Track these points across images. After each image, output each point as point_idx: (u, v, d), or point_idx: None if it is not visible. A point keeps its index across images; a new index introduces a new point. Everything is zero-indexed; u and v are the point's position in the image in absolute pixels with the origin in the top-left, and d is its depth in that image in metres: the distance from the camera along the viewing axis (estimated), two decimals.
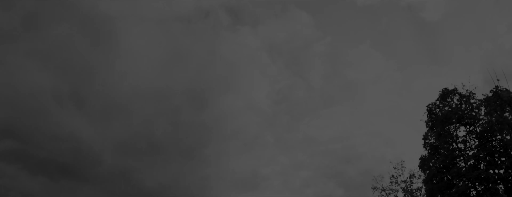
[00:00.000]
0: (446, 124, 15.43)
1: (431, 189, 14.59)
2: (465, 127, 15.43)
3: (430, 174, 14.85)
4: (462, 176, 13.60)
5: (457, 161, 14.69)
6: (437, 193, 14.37)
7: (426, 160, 15.58)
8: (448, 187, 14.27)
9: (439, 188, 14.29)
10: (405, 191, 20.44)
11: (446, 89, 16.38)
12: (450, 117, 15.16)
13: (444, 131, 15.42)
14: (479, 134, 14.68)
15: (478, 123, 15.10)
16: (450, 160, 14.55)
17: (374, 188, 21.22)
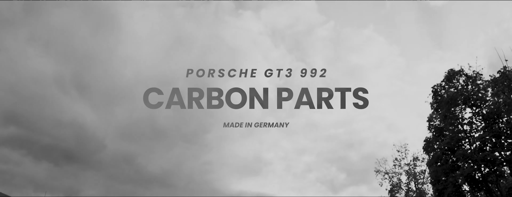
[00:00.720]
0: (452, 106, 15.04)
1: (435, 171, 14.33)
2: (471, 108, 15.03)
3: (435, 156, 14.57)
4: (467, 158, 13.31)
5: (462, 143, 14.36)
6: (441, 175, 14.11)
7: (431, 142, 15.28)
8: (453, 169, 13.99)
9: (444, 170, 14.01)
10: (408, 174, 20.26)
11: (452, 70, 15.92)
12: (456, 98, 14.76)
13: (449, 113, 15.04)
14: (485, 116, 14.29)
15: (484, 104, 14.69)
16: (455, 142, 14.22)
17: (377, 171, 21.08)
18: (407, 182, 20.11)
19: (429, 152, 15.23)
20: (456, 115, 15.05)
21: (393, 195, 19.90)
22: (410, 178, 20.15)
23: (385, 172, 20.80)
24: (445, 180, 13.95)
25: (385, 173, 20.71)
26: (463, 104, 14.96)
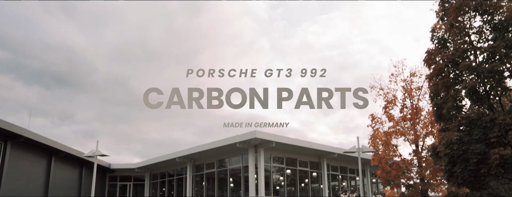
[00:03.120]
0: (460, 13, 13.45)
1: (435, 85, 13.19)
2: (482, 16, 13.46)
3: (436, 69, 13.33)
4: (473, 70, 12.08)
5: (468, 54, 13.04)
6: (441, 89, 13.01)
7: (433, 54, 13.94)
8: (455, 83, 12.86)
9: (445, 83, 12.87)
10: (405, 90, 19.34)
11: None
12: (467, 4, 13.09)
13: (457, 21, 13.49)
14: (497, 24, 12.79)
15: (498, 11, 13.10)
16: (461, 53, 12.87)
17: (372, 87, 20.12)
18: (402, 98, 19.27)
19: (430, 65, 13.96)
20: (464, 24, 13.52)
21: (387, 111, 19.16)
22: (406, 94, 19.27)
23: (380, 88, 19.85)
24: (446, 94, 12.89)
25: (380, 89, 19.78)
26: (473, 11, 13.36)
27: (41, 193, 26.92)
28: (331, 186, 31.97)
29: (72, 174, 31.28)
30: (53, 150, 27.61)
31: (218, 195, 28.85)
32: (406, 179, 18.60)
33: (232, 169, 28.13)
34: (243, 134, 24.31)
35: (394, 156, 18.74)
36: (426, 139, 19.05)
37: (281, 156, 27.64)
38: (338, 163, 32.68)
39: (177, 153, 30.08)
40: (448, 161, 12.16)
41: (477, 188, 12.32)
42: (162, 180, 35.50)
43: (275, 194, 27.07)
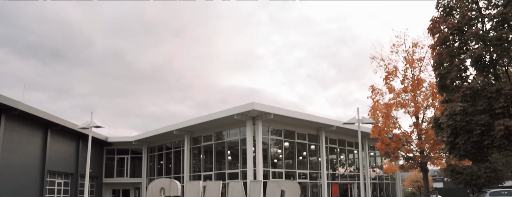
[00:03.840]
0: None
1: (439, 54, 12.65)
2: None
3: (441, 38, 12.76)
4: (480, 38, 11.52)
5: (475, 22, 12.45)
6: (445, 59, 12.48)
7: (438, 22, 13.34)
8: (460, 52, 12.33)
9: (449, 52, 12.33)
10: (406, 60, 18.80)
11: None
12: None
13: None
14: None
15: None
16: (467, 21, 12.28)
17: (372, 57, 19.58)
18: (404, 69, 18.76)
19: (435, 34, 13.38)
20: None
21: (388, 82, 18.69)
22: (407, 65, 18.75)
23: (380, 59, 19.31)
24: (450, 64, 12.38)
25: (381, 60, 19.23)
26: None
27: (38, 166, 26.81)
28: (329, 159, 31.95)
29: (69, 148, 31.13)
30: (49, 123, 27.30)
31: (216, 168, 28.80)
32: (405, 152, 18.37)
33: (230, 141, 27.94)
34: (241, 105, 23.94)
35: (394, 128, 18.44)
36: (427, 111, 18.70)
37: (279, 128, 27.39)
38: (336, 136, 32.53)
39: (174, 126, 29.81)
40: (451, 133, 11.80)
41: (479, 160, 12.02)
42: (159, 153, 35.46)
43: (273, 167, 27.01)
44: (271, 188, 12.70)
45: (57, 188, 29.40)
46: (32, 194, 25.88)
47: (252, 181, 12.95)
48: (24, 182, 25.07)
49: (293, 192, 12.52)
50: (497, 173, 27.97)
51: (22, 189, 24.74)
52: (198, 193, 12.93)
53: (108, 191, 37.46)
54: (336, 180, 32.36)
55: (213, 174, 28.38)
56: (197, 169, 30.68)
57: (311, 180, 29.54)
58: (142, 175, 36.09)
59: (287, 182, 13.03)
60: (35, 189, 26.19)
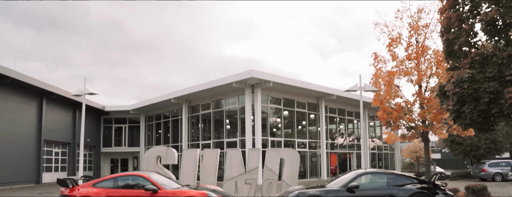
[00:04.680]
0: None
1: (448, 18, 11.98)
2: None
3: (450, 1, 12.07)
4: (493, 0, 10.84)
5: None
6: (454, 24, 11.83)
7: None
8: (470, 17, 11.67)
9: (458, 16, 11.66)
10: (411, 27, 18.08)
11: None
12: None
13: None
14: None
15: None
16: None
17: (375, 24, 18.82)
18: (408, 36, 18.06)
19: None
20: None
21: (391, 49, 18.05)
22: (412, 31, 18.03)
23: (384, 25, 18.56)
24: (459, 29, 11.74)
25: (385, 26, 18.50)
26: None
27: (34, 136, 26.57)
28: (329, 129, 31.74)
29: (66, 117, 30.82)
30: (44, 92, 26.83)
31: (214, 136, 28.59)
32: (407, 121, 17.99)
33: (229, 110, 27.58)
34: (240, 73, 23.39)
35: (396, 97, 17.97)
36: (430, 80, 18.17)
37: (279, 96, 26.96)
38: (336, 105, 32.18)
39: (172, 94, 29.37)
40: (457, 101, 11.32)
41: (485, 130, 11.61)
42: (157, 122, 35.21)
43: (272, 136, 26.78)
44: (270, 156, 12.38)
45: (54, 158, 29.32)
46: (29, 164, 25.78)
47: (251, 149, 12.62)
48: (21, 152, 24.89)
49: (293, 160, 12.21)
50: (497, 144, 27.82)
51: (18, 158, 24.59)
52: (196, 161, 12.63)
53: (106, 161, 37.53)
54: (335, 150, 32.31)
55: (212, 143, 28.20)
56: (195, 138, 30.51)
57: (310, 149, 29.44)
58: (140, 144, 36.01)
59: (287, 150, 12.71)
60: (32, 159, 26.07)
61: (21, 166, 24.85)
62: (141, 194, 8.89)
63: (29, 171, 25.73)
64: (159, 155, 12.55)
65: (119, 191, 9.05)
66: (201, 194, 8.79)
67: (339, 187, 9.23)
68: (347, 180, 9.47)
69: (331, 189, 9.13)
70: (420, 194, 9.01)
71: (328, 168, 30.41)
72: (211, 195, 8.86)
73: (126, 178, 9.57)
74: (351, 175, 9.74)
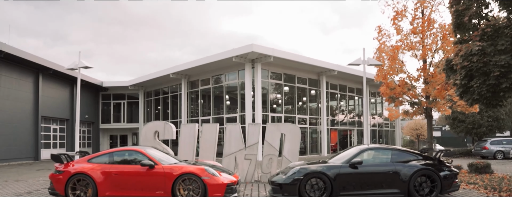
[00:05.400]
0: None
1: None
2: None
3: None
4: None
5: None
6: None
7: None
8: None
9: None
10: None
11: None
12: None
13: None
14: None
15: None
16: None
17: None
18: (414, 8, 17.41)
19: None
20: None
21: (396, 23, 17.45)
22: (418, 4, 17.38)
23: None
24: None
25: None
26: None
27: (32, 112, 26.26)
28: (330, 105, 31.41)
29: (63, 93, 30.43)
30: (40, 67, 26.34)
31: (214, 112, 28.30)
32: (411, 97, 17.59)
33: (228, 86, 27.17)
34: (240, 47, 22.85)
35: (400, 72, 17.50)
36: (435, 55, 17.66)
37: (279, 72, 26.48)
38: (337, 81, 31.75)
39: (171, 69, 28.89)
40: (465, 75, 10.87)
41: (494, 105, 11.19)
42: (156, 97, 34.86)
43: (272, 112, 26.48)
44: (271, 131, 12.05)
45: (52, 134, 29.12)
46: (27, 140, 25.58)
47: (251, 123, 12.29)
48: (18, 128, 24.63)
49: (294, 136, 11.90)
50: (499, 122, 27.54)
51: (16, 134, 24.36)
52: (194, 136, 12.32)
53: (106, 137, 37.41)
54: (335, 126, 32.09)
55: (211, 118, 27.93)
56: (194, 114, 30.23)
57: (311, 125, 29.20)
58: (139, 120, 35.79)
59: (288, 125, 12.36)
60: (30, 135, 25.85)
61: (18, 142, 24.65)
62: (138, 170, 8.60)
63: (27, 148, 25.56)
64: (157, 130, 12.24)
65: (114, 166, 8.75)
66: (199, 169, 8.49)
67: (341, 162, 8.92)
68: (350, 155, 9.15)
69: (333, 165, 8.82)
70: (425, 171, 8.69)
71: (328, 144, 30.27)
72: (210, 170, 8.56)
73: (122, 153, 9.25)
74: (354, 151, 9.42)
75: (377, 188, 8.63)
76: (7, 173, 17.05)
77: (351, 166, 8.72)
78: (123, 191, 8.52)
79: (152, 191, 8.46)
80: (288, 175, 8.71)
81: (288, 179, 8.61)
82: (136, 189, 8.50)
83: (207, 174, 8.42)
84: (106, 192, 8.51)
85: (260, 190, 10.29)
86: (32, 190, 11.03)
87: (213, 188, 8.32)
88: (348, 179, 8.59)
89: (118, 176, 8.56)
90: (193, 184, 8.39)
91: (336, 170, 8.64)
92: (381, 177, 8.67)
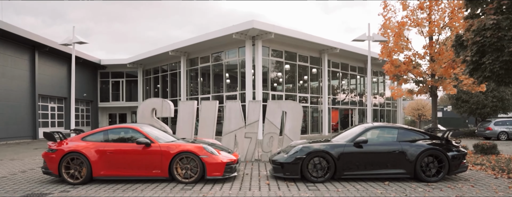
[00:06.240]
0: None
1: None
2: None
3: None
4: None
5: None
6: None
7: None
8: None
9: None
10: None
11: None
12: None
13: None
14: None
15: None
16: None
17: None
18: None
19: None
20: None
21: None
22: None
23: None
24: None
25: None
26: None
27: (28, 90, 25.83)
28: (331, 84, 30.95)
29: (60, 71, 29.90)
30: (36, 44, 25.75)
31: (214, 91, 27.87)
32: (416, 75, 17.12)
33: (228, 64, 26.64)
34: (240, 23, 22.21)
35: (405, 49, 16.96)
36: (442, 32, 17.08)
37: (280, 49, 25.90)
38: (339, 60, 31.18)
39: (169, 46, 28.29)
40: (476, 51, 10.37)
41: (506, 83, 10.73)
42: (155, 75, 34.38)
43: (273, 90, 26.05)
44: (272, 109, 11.65)
45: (50, 113, 28.77)
46: (25, 119, 25.26)
47: (251, 100, 11.86)
48: (15, 106, 24.27)
49: (296, 113, 11.50)
50: (504, 102, 27.12)
51: (13, 113, 24.02)
52: (193, 114, 11.93)
53: (105, 116, 37.12)
54: (336, 106, 31.73)
55: (211, 97, 27.54)
56: (194, 92, 29.82)
57: (312, 104, 28.83)
58: (138, 98, 35.42)
59: (289, 102, 11.93)
60: (27, 114, 25.50)
61: (16, 121, 24.33)
62: (133, 148, 8.22)
63: (24, 126, 25.25)
64: (154, 108, 11.83)
65: (109, 144, 8.37)
66: (198, 148, 8.11)
67: (345, 141, 8.54)
68: (355, 134, 8.76)
69: (337, 144, 8.44)
70: (432, 151, 8.31)
71: (329, 124, 29.98)
72: (208, 148, 8.19)
73: (117, 131, 8.85)
74: (359, 129, 9.02)
75: (382, 168, 8.28)
76: (3, 152, 16.78)
77: (356, 145, 8.35)
78: (119, 170, 8.17)
79: (148, 170, 8.12)
80: (290, 153, 8.34)
81: (290, 158, 8.25)
82: (132, 168, 8.15)
83: (205, 152, 8.06)
84: (101, 171, 8.17)
85: (261, 169, 9.97)
86: (26, 169, 10.72)
87: (211, 167, 7.97)
88: (352, 158, 8.23)
89: (113, 155, 8.20)
90: (191, 163, 8.04)
91: (340, 149, 8.26)
92: (387, 157, 8.30)
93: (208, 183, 8.03)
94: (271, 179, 8.49)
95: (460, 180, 8.45)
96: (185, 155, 8.02)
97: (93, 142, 8.46)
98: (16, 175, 9.67)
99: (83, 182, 8.13)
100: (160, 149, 8.13)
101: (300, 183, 7.96)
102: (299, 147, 8.38)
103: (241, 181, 8.32)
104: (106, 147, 8.30)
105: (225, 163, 8.10)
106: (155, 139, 8.41)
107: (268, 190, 7.28)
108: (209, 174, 7.96)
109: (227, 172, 8.14)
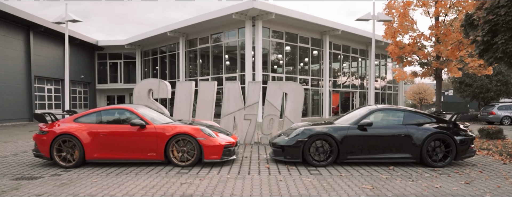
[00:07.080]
0: None
1: None
2: None
3: None
4: None
5: None
6: None
7: None
8: None
9: None
10: None
11: None
12: None
13: None
14: None
15: None
16: None
17: None
18: None
19: None
20: None
21: None
22: None
23: None
24: None
25: None
26: None
27: (24, 71, 25.32)
28: (332, 67, 30.45)
29: (56, 52, 29.30)
30: (30, 24, 25.10)
31: (213, 72, 27.40)
32: (421, 56, 16.64)
33: (228, 45, 26.09)
34: (240, 3, 21.58)
35: (410, 30, 16.43)
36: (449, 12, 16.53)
37: (281, 30, 25.32)
38: (341, 42, 30.60)
39: (168, 27, 27.67)
40: (488, 30, 9.89)
41: None
42: (153, 57, 33.82)
43: (273, 72, 25.59)
44: (272, 90, 11.24)
45: (47, 95, 28.34)
46: (21, 101, 24.84)
47: (251, 81, 11.44)
48: (10, 88, 23.82)
49: (297, 95, 11.10)
50: (509, 86, 26.64)
51: (8, 94, 23.59)
52: (191, 95, 11.53)
53: (103, 98, 36.72)
54: (337, 88, 31.32)
55: (210, 78, 27.10)
56: (193, 74, 29.35)
57: (313, 87, 28.41)
58: (137, 80, 34.95)
59: (290, 83, 11.51)
60: (23, 96, 25.08)
61: (12, 102, 23.92)
62: (127, 129, 7.84)
63: (21, 108, 24.87)
64: (151, 88, 11.42)
65: (102, 126, 7.98)
66: (195, 130, 7.74)
67: (349, 124, 8.16)
68: (359, 116, 8.37)
69: (340, 126, 8.05)
70: (439, 135, 7.94)
71: (330, 106, 29.63)
72: (206, 130, 7.81)
73: (111, 111, 8.45)
74: (364, 111, 8.62)
75: (387, 152, 7.91)
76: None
77: (360, 127, 7.96)
78: (112, 152, 7.81)
79: (143, 153, 7.76)
80: (291, 136, 7.97)
81: (291, 140, 7.88)
82: (126, 151, 7.78)
83: (203, 134, 7.68)
84: (94, 154, 7.81)
85: (260, 152, 9.64)
86: (19, 152, 10.38)
87: (209, 150, 7.61)
88: (356, 141, 7.86)
89: (106, 137, 7.82)
90: (188, 146, 7.67)
91: (344, 131, 7.88)
92: (392, 140, 7.92)
93: (205, 166, 7.69)
94: (271, 163, 8.15)
95: (467, 165, 8.11)
96: (182, 137, 7.65)
97: (86, 123, 8.08)
98: (8, 157, 9.33)
99: (76, 165, 7.78)
100: (156, 131, 7.76)
101: (301, 167, 7.62)
102: (300, 130, 8.00)
103: (240, 164, 7.98)
104: (99, 128, 7.92)
105: (223, 145, 7.74)
106: (150, 121, 8.02)
107: (268, 174, 6.94)
108: (207, 157, 7.61)
109: (225, 155, 7.80)
